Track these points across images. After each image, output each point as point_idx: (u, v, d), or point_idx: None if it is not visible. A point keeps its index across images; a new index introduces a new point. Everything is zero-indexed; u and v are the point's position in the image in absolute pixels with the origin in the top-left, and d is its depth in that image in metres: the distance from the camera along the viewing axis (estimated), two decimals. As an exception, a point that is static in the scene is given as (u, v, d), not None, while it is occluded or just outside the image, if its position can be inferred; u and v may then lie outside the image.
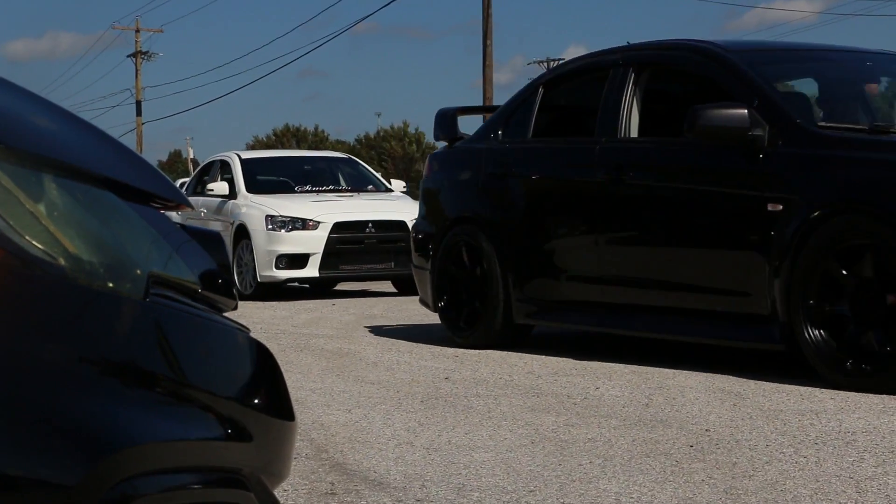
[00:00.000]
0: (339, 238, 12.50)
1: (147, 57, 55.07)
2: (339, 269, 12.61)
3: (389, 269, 12.72)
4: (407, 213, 12.61)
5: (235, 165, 13.95)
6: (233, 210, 13.31)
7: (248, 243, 12.83)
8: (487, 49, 29.72)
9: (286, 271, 12.48)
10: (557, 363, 6.74)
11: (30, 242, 1.45)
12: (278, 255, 12.42)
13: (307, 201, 13.01)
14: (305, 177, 14.21)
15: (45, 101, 1.72)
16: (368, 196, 13.61)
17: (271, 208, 12.75)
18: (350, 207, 12.93)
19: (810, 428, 4.67)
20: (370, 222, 12.66)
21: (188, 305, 1.75)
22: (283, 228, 12.51)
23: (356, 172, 14.69)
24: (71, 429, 1.42)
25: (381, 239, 12.62)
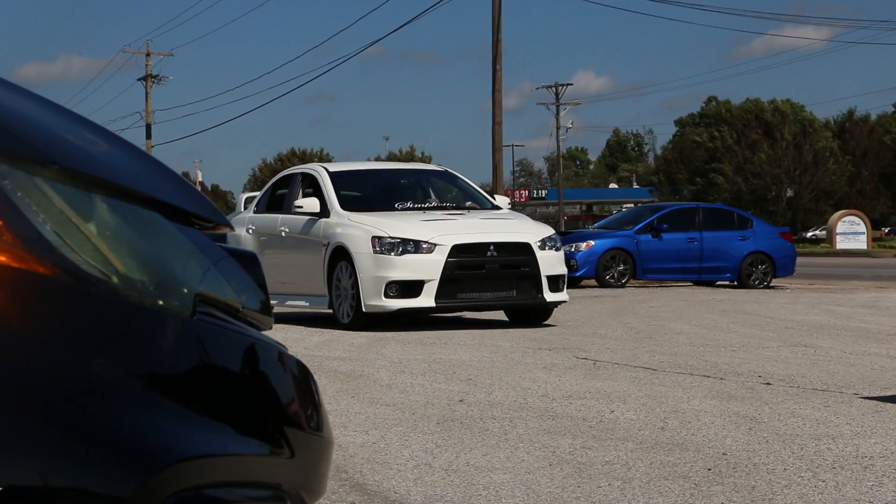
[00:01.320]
0: (457, 263, 11.04)
1: (157, 80, 55.33)
2: (457, 298, 11.10)
3: (511, 298, 11.26)
4: (531, 234, 11.43)
5: (324, 179, 12.47)
6: (326, 230, 11.90)
7: (346, 267, 11.47)
8: (497, 73, 29.82)
9: (397, 300, 11.00)
10: (570, 386, 6.76)
11: (84, 260, 1.48)
12: (388, 283, 10.99)
13: (416, 220, 11.49)
14: (403, 192, 12.66)
15: (92, 123, 1.77)
16: (483, 215, 12.02)
17: (378, 228, 11.29)
18: (467, 228, 11.41)
19: (827, 452, 4.68)
20: (491, 245, 11.18)
21: (231, 323, 1.78)
22: (392, 251, 11.07)
23: (456, 187, 13.20)
24: (123, 442, 1.45)
25: (504, 263, 11.18)
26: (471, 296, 11.14)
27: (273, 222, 12.96)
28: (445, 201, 12.61)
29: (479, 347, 9.22)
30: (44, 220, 1.46)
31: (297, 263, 12.35)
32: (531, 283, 11.21)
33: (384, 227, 11.29)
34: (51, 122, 1.64)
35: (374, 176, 13.40)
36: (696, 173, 72.07)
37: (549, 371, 7.53)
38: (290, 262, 12.46)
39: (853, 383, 6.81)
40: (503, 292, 11.20)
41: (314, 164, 13.20)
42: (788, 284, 21.11)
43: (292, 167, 13.87)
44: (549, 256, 11.32)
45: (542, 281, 11.21)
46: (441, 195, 12.87)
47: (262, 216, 13.36)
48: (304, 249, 12.24)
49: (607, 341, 9.66)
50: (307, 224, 12.24)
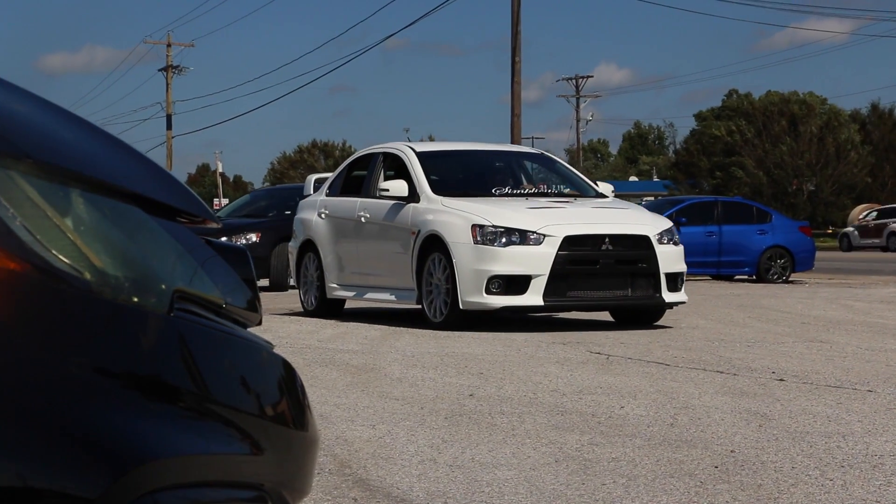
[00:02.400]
0: (569, 256, 9.94)
1: (178, 71, 55.46)
2: (567, 297, 10.02)
3: (626, 298, 10.21)
4: (649, 226, 10.38)
5: (411, 160, 11.29)
6: (416, 216, 10.76)
7: (440, 258, 10.34)
8: (516, 66, 29.75)
9: (501, 297, 9.91)
10: (582, 381, 6.73)
11: (56, 256, 1.46)
12: (491, 277, 9.87)
13: (521, 208, 10.40)
14: (499, 176, 11.59)
15: (72, 114, 1.74)
16: (593, 203, 10.96)
17: (478, 216, 10.19)
18: (579, 217, 10.32)
19: (837, 451, 4.64)
20: (607, 237, 10.09)
21: (212, 320, 1.75)
22: (495, 242, 9.97)
23: (555, 172, 12.02)
24: (94, 442, 1.42)
25: (620, 258, 10.13)
26: (582, 294, 10.03)
27: (351, 206, 11.86)
28: (545, 187, 11.50)
29: (492, 341, 9.19)
30: (13, 214, 1.43)
31: (380, 253, 11.32)
32: (648, 280, 10.21)
33: (486, 215, 10.17)
34: (27, 114, 1.61)
35: (466, 157, 12.07)
36: (717, 167, 71.84)
37: (561, 366, 7.50)
38: (370, 251, 11.49)
39: (868, 380, 6.75)
40: (618, 291, 10.13)
41: (398, 144, 11.97)
42: (807, 279, 21.01)
43: (372, 146, 12.48)
44: (669, 251, 10.31)
45: (661, 279, 10.20)
46: (539, 181, 11.78)
47: (337, 199, 12.25)
48: (389, 237, 11.18)
49: (621, 335, 9.61)
50: (393, 209, 11.11)
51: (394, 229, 11.05)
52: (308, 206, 12.73)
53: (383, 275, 11.28)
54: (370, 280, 11.53)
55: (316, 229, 12.32)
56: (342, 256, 12.00)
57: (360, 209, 11.64)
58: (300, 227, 12.74)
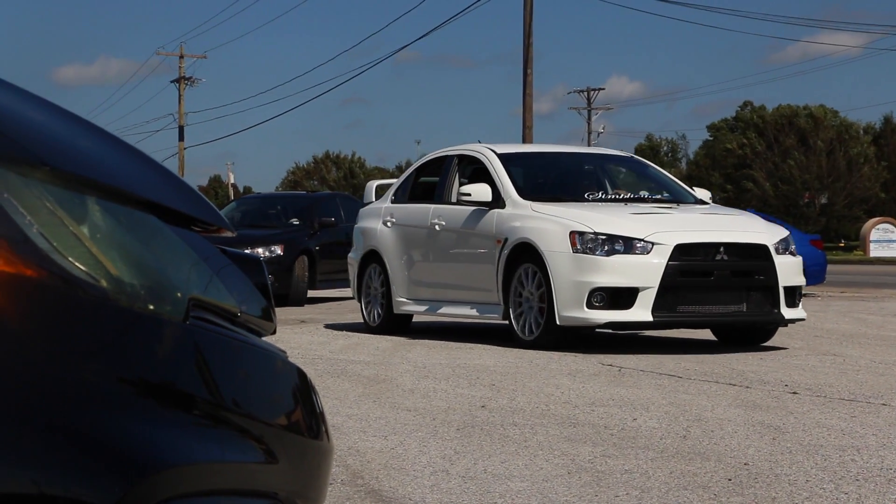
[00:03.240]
0: (680, 267, 8.99)
1: (190, 82, 55.63)
2: (677, 312, 9.03)
3: (740, 314, 9.21)
4: (766, 235, 9.43)
5: (493, 163, 10.43)
6: (501, 223, 9.88)
7: (531, 270, 9.41)
8: (528, 78, 29.78)
9: (604, 312, 8.95)
10: (594, 393, 6.71)
11: (72, 264, 1.46)
12: (593, 290, 8.92)
13: (624, 213, 9.50)
14: (589, 180, 10.73)
15: (89, 123, 1.74)
16: (700, 209, 10.10)
17: (578, 222, 9.23)
18: (689, 224, 9.39)
19: (851, 464, 4.61)
20: (722, 246, 9.14)
21: (227, 329, 1.75)
22: (597, 251, 9.03)
23: (647, 177, 11.14)
24: (109, 449, 1.42)
25: (736, 270, 9.18)
26: (693, 309, 9.06)
27: (422, 213, 10.96)
28: (640, 192, 10.58)
29: (504, 353, 9.17)
30: (31, 221, 1.43)
31: (458, 263, 10.47)
32: (765, 294, 9.26)
33: (585, 221, 9.24)
34: (44, 122, 1.61)
35: (552, 160, 11.22)
36: (728, 179, 71.77)
37: (573, 377, 7.48)
38: (446, 262, 10.63)
39: (881, 393, 6.72)
40: (732, 306, 9.15)
41: (475, 145, 11.07)
42: (819, 292, 20.95)
43: (444, 148, 11.55)
44: (787, 262, 9.42)
45: (780, 293, 9.27)
46: (632, 186, 10.89)
47: (405, 206, 11.40)
48: (469, 246, 10.30)
49: (633, 347, 9.59)
50: (474, 216, 10.21)
51: (475, 237, 10.20)
52: (371, 215, 11.87)
53: (462, 287, 10.42)
54: (446, 293, 10.65)
55: (381, 239, 11.47)
56: (412, 268, 11.10)
57: (433, 216, 10.75)
58: (362, 237, 11.87)
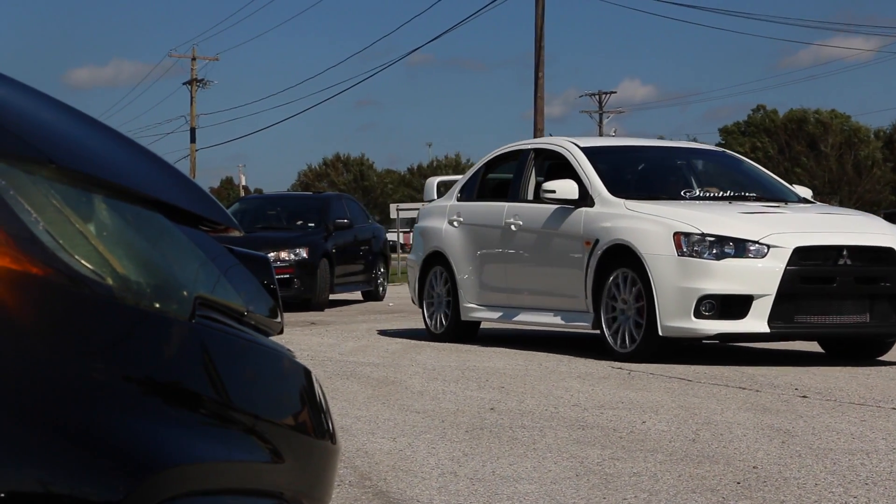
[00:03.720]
0: (800, 272, 8.13)
1: (202, 84, 55.71)
2: (795, 323, 8.20)
3: (864, 325, 8.36)
4: (892, 237, 8.51)
5: (577, 157, 9.56)
6: (589, 222, 9.05)
7: (627, 274, 8.59)
8: (539, 81, 29.77)
9: (714, 322, 8.13)
10: (603, 396, 6.70)
11: (78, 261, 1.46)
12: (702, 297, 8.09)
13: (732, 212, 8.65)
14: (683, 177, 9.91)
15: (95, 121, 1.74)
16: (814, 209, 9.23)
17: (682, 221, 8.39)
18: (806, 225, 8.50)
19: (861, 468, 4.60)
20: (845, 249, 8.27)
21: (234, 328, 1.75)
22: (706, 254, 8.18)
23: (742, 173, 10.23)
24: (114, 447, 1.42)
25: (860, 276, 8.31)
26: (812, 320, 8.21)
27: (495, 212, 10.17)
28: (741, 190, 9.64)
29: (513, 355, 9.17)
30: (36, 219, 1.44)
31: (538, 266, 9.64)
32: (891, 303, 8.39)
33: (691, 220, 8.39)
34: (50, 120, 1.62)
35: (640, 154, 10.40)
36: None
37: (582, 380, 7.48)
38: (524, 265, 9.82)
39: (892, 397, 6.70)
40: (855, 315, 8.29)
41: (555, 139, 10.34)
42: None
43: (516, 142, 10.84)
44: None
45: None
46: (729, 183, 9.88)
47: (474, 204, 10.64)
48: (552, 248, 9.47)
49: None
50: (557, 215, 9.37)
51: (559, 238, 9.35)
52: (434, 213, 11.10)
53: (542, 293, 9.59)
54: (522, 300, 9.85)
55: (447, 239, 10.71)
56: (483, 271, 10.32)
57: (508, 215, 9.95)
58: (423, 238, 11.13)
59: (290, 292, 15.87)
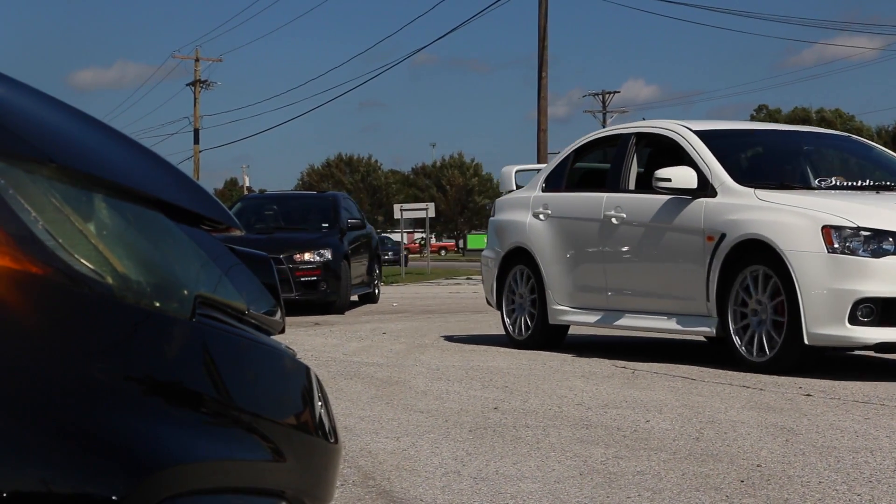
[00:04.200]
0: None
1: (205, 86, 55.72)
2: None
3: None
4: None
5: (691, 142, 8.59)
6: (712, 214, 8.11)
7: (760, 273, 7.73)
8: (542, 81, 29.76)
9: (873, 329, 7.25)
10: (607, 395, 6.70)
11: (78, 261, 1.46)
12: (859, 300, 7.22)
13: (886, 203, 7.67)
14: (812, 164, 8.95)
15: (97, 120, 1.74)
16: None
17: (832, 213, 7.47)
18: None
19: (864, 465, 4.59)
20: None
21: (235, 327, 1.75)
22: (860, 250, 7.30)
23: (871, 161, 9.09)
24: (116, 446, 1.42)
25: None
26: None
27: (592, 204, 9.18)
28: (879, 179, 8.60)
29: (517, 355, 9.16)
30: (36, 218, 1.44)
31: (647, 263, 8.67)
32: None
33: (841, 213, 7.46)
34: (50, 119, 1.62)
35: (757, 139, 9.36)
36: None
37: (586, 379, 7.47)
38: (628, 262, 8.85)
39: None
40: None
41: (663, 122, 9.16)
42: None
43: (612, 126, 9.96)
44: None
45: None
46: (859, 171, 8.87)
47: (564, 195, 9.65)
48: (664, 243, 8.47)
49: (647, 350, 9.57)
50: (671, 206, 8.41)
51: (673, 232, 8.37)
52: (515, 206, 10.13)
53: (651, 294, 8.64)
54: (626, 301, 8.91)
55: (532, 234, 9.74)
56: (576, 270, 9.36)
57: (608, 206, 8.96)
58: (503, 233, 10.18)
59: (315, 295, 15.41)
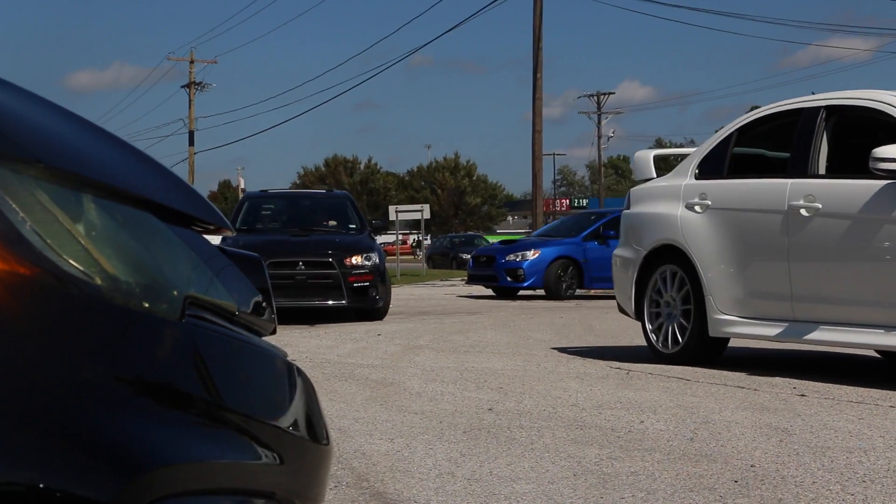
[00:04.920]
0: None
1: (200, 87, 55.71)
2: None
3: None
4: None
5: None
6: None
7: None
8: (537, 82, 29.79)
9: None
10: (602, 396, 6.70)
11: (67, 261, 1.46)
12: None
13: None
14: None
15: (86, 121, 1.74)
16: None
17: None
18: None
19: (858, 465, 4.59)
20: None
21: (225, 328, 1.75)
22: None
23: None
24: (105, 447, 1.42)
25: None
26: None
27: (772, 192, 7.80)
28: None
29: (512, 356, 9.16)
30: (24, 218, 1.43)
31: (854, 264, 7.21)
32: None
33: None
34: (38, 119, 1.61)
35: None
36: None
37: (581, 380, 7.47)
38: (826, 262, 7.42)
39: (890, 395, 6.70)
40: None
41: (861, 92, 7.65)
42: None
43: (791, 100, 8.21)
44: None
45: None
46: None
47: (731, 183, 8.30)
48: (879, 239, 7.06)
49: (642, 350, 9.57)
50: (890, 193, 7.04)
51: (892, 226, 7.01)
52: (659, 196, 8.79)
53: (861, 302, 7.18)
54: (822, 311, 7.46)
55: (686, 230, 8.40)
56: (749, 271, 7.98)
57: (795, 195, 7.60)
58: (644, 228, 8.86)
59: (365, 302, 14.08)
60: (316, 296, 13.84)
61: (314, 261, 13.98)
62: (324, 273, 13.92)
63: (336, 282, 13.94)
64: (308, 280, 13.85)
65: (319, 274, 13.90)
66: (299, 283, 13.79)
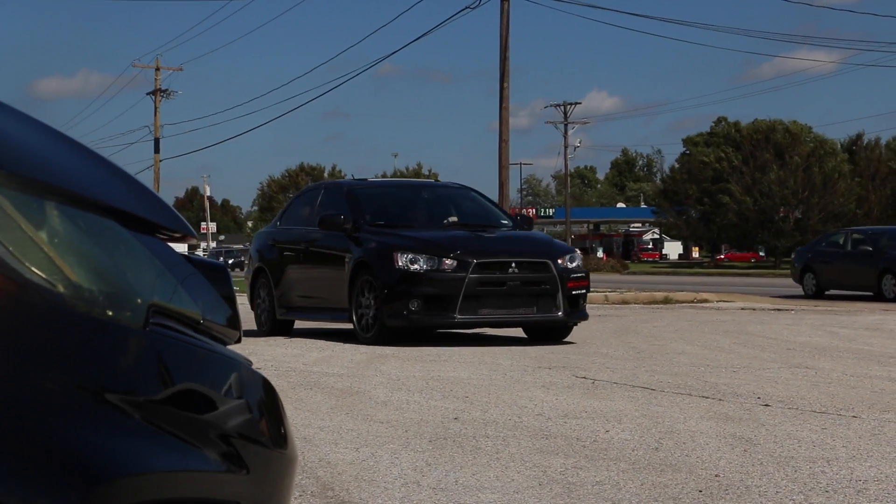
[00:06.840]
0: None
1: (166, 95, 55.43)
2: None
3: None
4: None
5: None
6: None
7: None
8: (504, 92, 29.82)
9: None
10: (567, 405, 6.70)
11: (29, 269, 1.44)
12: None
13: None
14: None
15: (49, 127, 1.72)
16: None
17: None
18: None
19: (821, 475, 4.62)
20: None
21: (189, 336, 1.73)
22: None
23: None
24: (67, 457, 1.40)
25: None
26: None
27: None
28: None
29: (478, 365, 9.16)
30: (-16, 226, 1.41)
31: None
32: None
33: None
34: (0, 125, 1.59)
35: None
36: (704, 193, 72.07)
37: (546, 390, 7.48)
38: None
39: (852, 405, 6.74)
40: None
41: None
42: (793, 306, 21.01)
43: None
44: None
45: None
46: None
47: None
48: None
49: (608, 360, 9.59)
50: None
51: None
52: None
53: None
54: None
55: None
56: None
57: None
58: None
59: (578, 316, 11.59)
60: (525, 305, 11.10)
61: (529, 261, 11.20)
62: (540, 277, 11.17)
63: (553, 288, 11.19)
64: (522, 286, 11.11)
65: (534, 279, 11.14)
66: (512, 290, 11.06)
